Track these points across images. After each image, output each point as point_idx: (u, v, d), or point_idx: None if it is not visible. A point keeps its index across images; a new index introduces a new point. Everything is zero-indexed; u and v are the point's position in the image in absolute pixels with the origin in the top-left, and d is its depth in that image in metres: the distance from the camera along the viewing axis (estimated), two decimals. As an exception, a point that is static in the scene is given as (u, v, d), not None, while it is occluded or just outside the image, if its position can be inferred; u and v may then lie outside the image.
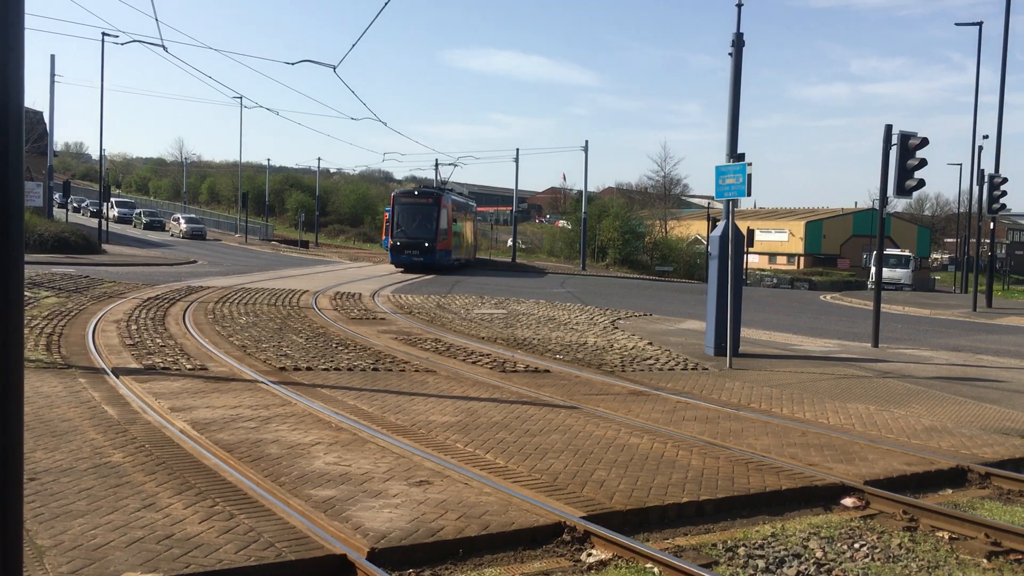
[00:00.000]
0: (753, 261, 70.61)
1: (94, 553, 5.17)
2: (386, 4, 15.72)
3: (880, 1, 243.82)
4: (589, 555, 5.78)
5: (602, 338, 17.60)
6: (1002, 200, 29.51)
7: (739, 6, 15.90)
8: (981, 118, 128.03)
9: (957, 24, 38.45)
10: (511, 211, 68.32)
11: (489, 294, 28.64)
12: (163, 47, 21.15)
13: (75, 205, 74.21)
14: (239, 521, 5.84)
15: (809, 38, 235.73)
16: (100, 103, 56.94)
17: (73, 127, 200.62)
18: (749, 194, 14.13)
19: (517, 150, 61.54)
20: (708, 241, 16.89)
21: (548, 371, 13.21)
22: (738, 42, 15.84)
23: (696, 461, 7.98)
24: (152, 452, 7.51)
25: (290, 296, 23.77)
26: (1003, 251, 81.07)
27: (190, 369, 11.83)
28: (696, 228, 72.17)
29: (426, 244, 40.64)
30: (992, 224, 33.72)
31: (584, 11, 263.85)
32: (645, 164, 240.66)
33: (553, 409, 10.14)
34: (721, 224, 15.85)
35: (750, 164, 14.15)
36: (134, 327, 15.54)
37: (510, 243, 65.11)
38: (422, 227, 40.95)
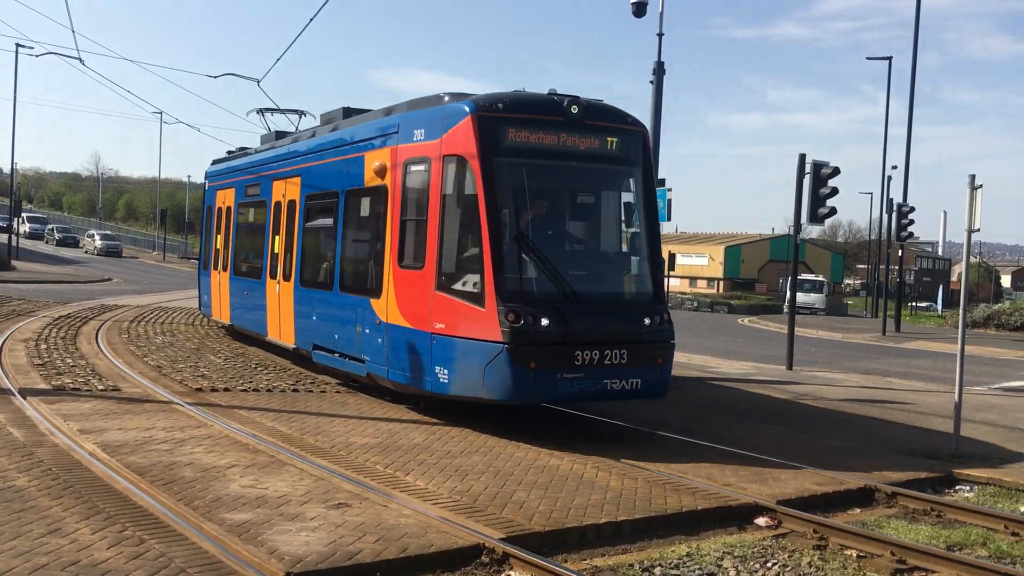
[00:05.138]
0: (674, 284, 71.83)
1: (-6, 581, 4.98)
2: (312, 18, 15.69)
3: (798, 34, 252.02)
4: (507, 577, 5.79)
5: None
6: (910, 228, 30.63)
7: (660, 36, 16.32)
8: (891, 149, 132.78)
9: (868, 58, 40.03)
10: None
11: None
12: (80, 60, 20.53)
13: (-17, 220, 71.70)
14: (149, 546, 5.69)
15: (729, 68, 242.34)
16: (12, 116, 55.28)
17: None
18: (669, 219, 14.46)
19: (443, 171, 61.22)
20: (630, 264, 17.03)
21: (470, 392, 13.18)
22: (659, 71, 16.23)
23: (615, 482, 8.07)
24: (59, 476, 7.27)
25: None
26: (911, 277, 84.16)
27: (102, 390, 11.49)
28: (619, 251, 73.00)
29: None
30: (900, 251, 34.98)
31: (509, 35, 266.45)
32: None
33: (474, 431, 10.14)
34: (642, 248, 16.08)
35: (670, 189, 14.48)
36: (43, 346, 15.02)
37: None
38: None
